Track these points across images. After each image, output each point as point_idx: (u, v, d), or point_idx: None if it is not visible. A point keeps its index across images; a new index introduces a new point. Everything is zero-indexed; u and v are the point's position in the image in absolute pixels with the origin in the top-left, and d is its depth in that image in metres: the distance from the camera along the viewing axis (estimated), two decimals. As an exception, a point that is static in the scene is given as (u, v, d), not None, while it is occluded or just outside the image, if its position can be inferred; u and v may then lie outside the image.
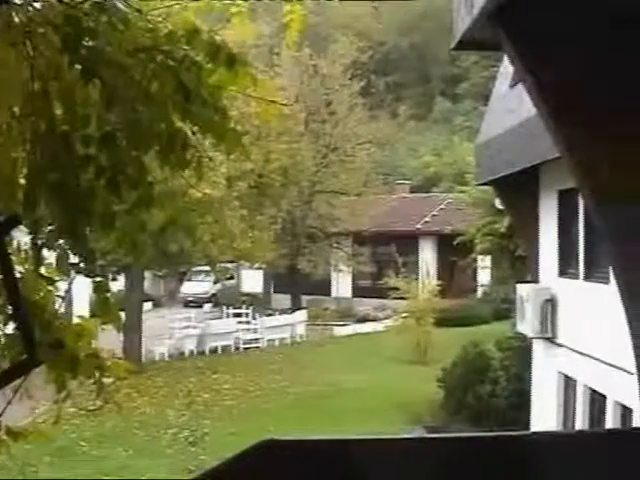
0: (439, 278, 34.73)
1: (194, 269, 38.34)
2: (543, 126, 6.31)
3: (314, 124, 37.78)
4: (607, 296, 6.80)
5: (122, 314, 5.07)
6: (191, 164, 3.78)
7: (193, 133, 3.81)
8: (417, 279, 32.64)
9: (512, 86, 13.47)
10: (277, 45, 32.60)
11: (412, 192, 47.62)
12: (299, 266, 38.13)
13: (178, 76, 3.62)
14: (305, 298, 39.21)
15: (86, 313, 4.66)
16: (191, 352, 30.08)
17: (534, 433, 6.35)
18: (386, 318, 33.74)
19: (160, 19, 3.94)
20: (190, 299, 40.63)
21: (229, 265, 35.63)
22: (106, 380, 4.44)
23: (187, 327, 31.55)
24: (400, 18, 67.88)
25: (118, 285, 26.95)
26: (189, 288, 41.65)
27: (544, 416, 14.46)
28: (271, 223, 32.71)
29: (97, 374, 4.34)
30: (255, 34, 27.07)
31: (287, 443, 1.66)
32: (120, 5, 3.74)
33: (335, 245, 39.91)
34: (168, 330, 31.16)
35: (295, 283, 39.36)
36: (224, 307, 35.61)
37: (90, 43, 3.57)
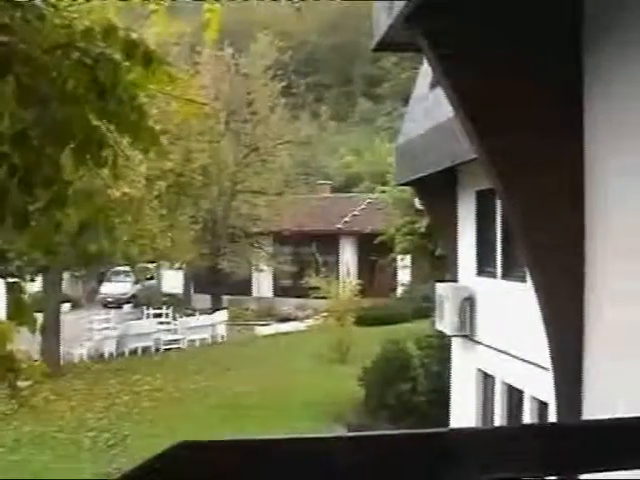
0: (360, 277, 34.91)
1: (114, 269, 37.91)
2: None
3: (235, 123, 37.66)
4: (524, 294, 6.92)
5: (39, 316, 4.99)
6: (107, 163, 3.73)
7: (110, 132, 3.75)
8: (338, 278, 32.75)
9: (432, 88, 13.60)
10: (199, 43, 32.39)
11: (333, 192, 47.82)
12: (220, 266, 37.97)
13: (94, 73, 3.57)
14: (226, 298, 39.07)
15: (3, 315, 4.56)
16: (111, 354, 29.71)
17: (453, 429, 6.40)
18: (307, 317, 33.83)
19: (76, 16, 3.89)
20: (110, 300, 40.11)
21: (149, 265, 35.29)
22: (22, 383, 4.35)
23: (107, 328, 31.13)
24: (322, 18, 68.05)
25: (36, 286, 26.50)
26: (108, 289, 41.14)
27: (463, 413, 14.63)
28: (191, 223, 32.51)
29: (11, 377, 4.26)
30: (176, 32, 26.89)
31: (204, 444, 1.64)
32: (36, 1, 3.67)
33: (256, 245, 39.85)
34: (87, 332, 30.71)
35: (216, 283, 39.17)
36: (144, 308, 35.23)
37: (4, 39, 3.50)
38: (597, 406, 6.14)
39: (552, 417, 9.62)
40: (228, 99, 36.78)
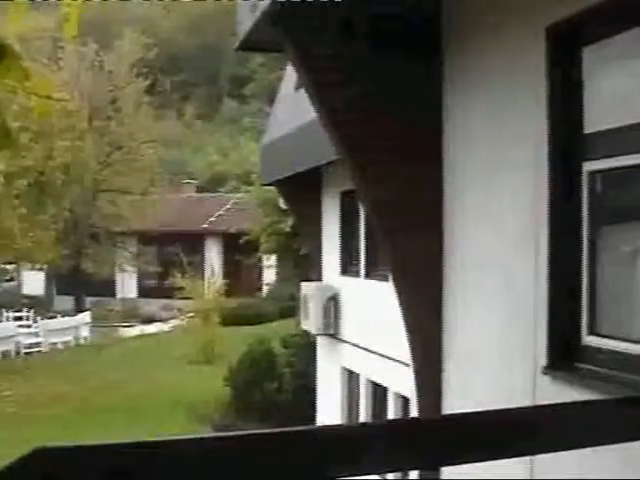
0: (225, 277, 34.80)
1: (-29, 271, 36.69)
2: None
3: (99, 121, 36.95)
4: (386, 293, 7.06)
5: None
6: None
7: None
8: (203, 278, 32.57)
9: (297, 88, 13.68)
10: (62, 39, 31.65)
11: (198, 191, 47.51)
12: (82, 267, 37.21)
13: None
14: (89, 299, 38.33)
15: None
16: (-32, 358, 28.79)
17: (320, 427, 6.47)
18: (172, 318, 33.51)
19: None
20: (-33, 303, 38.81)
21: (8, 266, 34.29)
22: None
23: (-38, 332, 30.12)
24: (189, 16, 67.52)
25: None
26: (-35, 291, 39.80)
27: (329, 410, 14.78)
28: (53, 222, 31.74)
29: None
30: (38, 27, 26.21)
31: (62, 450, 1.60)
32: None
33: (120, 245, 39.23)
34: (-57, 336, 29.65)
35: (78, 284, 38.38)
36: (3, 310, 34.19)
37: None
38: (455, 401, 6.32)
39: (414, 412, 9.84)
40: (91, 96, 36.07)
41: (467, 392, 6.14)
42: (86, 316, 34.10)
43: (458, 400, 6.29)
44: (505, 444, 3.90)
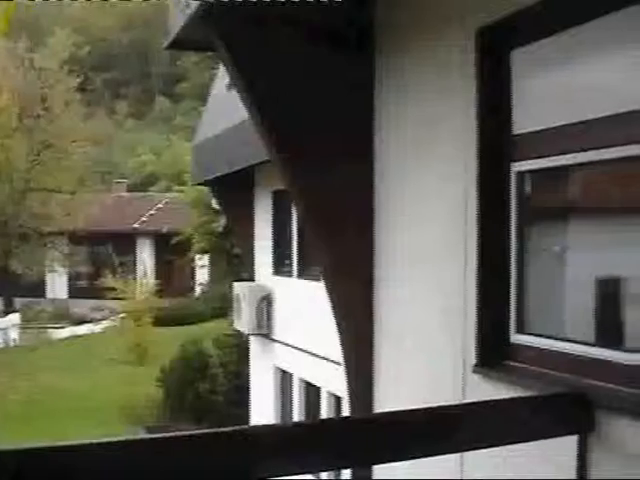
0: (157, 277, 34.59)
1: None
2: (256, 128, 6.45)
3: (28, 119, 36.39)
4: (318, 293, 7.09)
5: None
6: None
7: None
8: (135, 279, 32.29)
9: (229, 88, 13.63)
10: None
11: (130, 191, 47.06)
12: (11, 267, 36.61)
13: None
14: (18, 300, 37.71)
15: None
16: None
17: (254, 427, 6.48)
18: (104, 319, 33.17)
19: None
20: None
21: None
22: None
23: None
24: (121, 14, 66.86)
25: None
26: None
27: (263, 410, 14.77)
28: (-20, 222, 31.18)
29: None
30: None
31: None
32: None
33: (49, 245, 38.67)
34: None
35: (7, 285, 37.73)
36: None
37: None
38: (386, 400, 6.37)
39: (346, 411, 9.88)
40: (21, 94, 35.50)
41: (398, 391, 6.19)
42: (15, 317, 33.56)
43: (389, 399, 6.33)
44: (435, 441, 3.96)
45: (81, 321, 35.98)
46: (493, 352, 5.10)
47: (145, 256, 40.47)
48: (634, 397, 3.98)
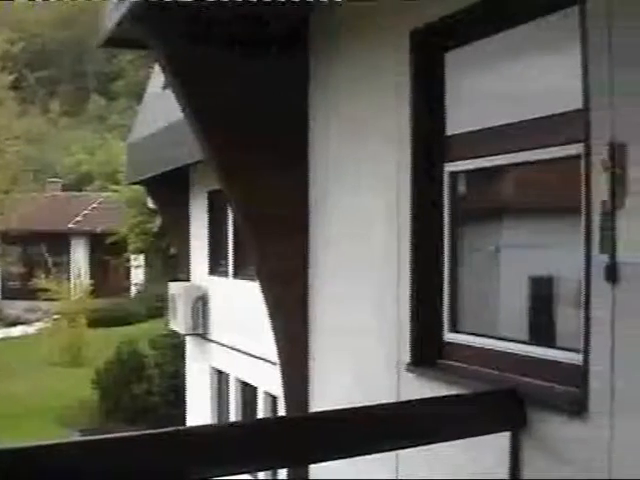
0: (92, 278, 34.22)
1: None
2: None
3: (-41, 117, 35.71)
4: (253, 292, 7.08)
5: None
6: None
7: None
8: (69, 279, 31.91)
9: (165, 87, 13.54)
10: None
11: (64, 190, 46.40)
12: (-59, 268, 35.91)
13: None
14: (-51, 302, 37.05)
15: None
16: None
17: (190, 428, 6.45)
18: (38, 320, 32.67)
19: None
20: None
21: None
22: None
23: None
24: (56, 11, 65.91)
25: None
26: None
27: (199, 411, 14.70)
28: None
29: None
30: None
31: None
32: None
33: (-20, 245, 38.01)
34: None
35: (-62, 286, 37.01)
36: None
37: None
38: (322, 399, 6.39)
39: (282, 410, 9.89)
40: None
41: (333, 390, 6.21)
42: (-54, 319, 32.95)
43: (324, 398, 6.36)
44: (371, 440, 3.99)
45: (14, 322, 35.41)
46: (426, 351, 5.15)
47: (79, 256, 39.99)
48: (565, 394, 4.05)
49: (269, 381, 9.99)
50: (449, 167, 5.11)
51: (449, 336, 5.10)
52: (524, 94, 4.58)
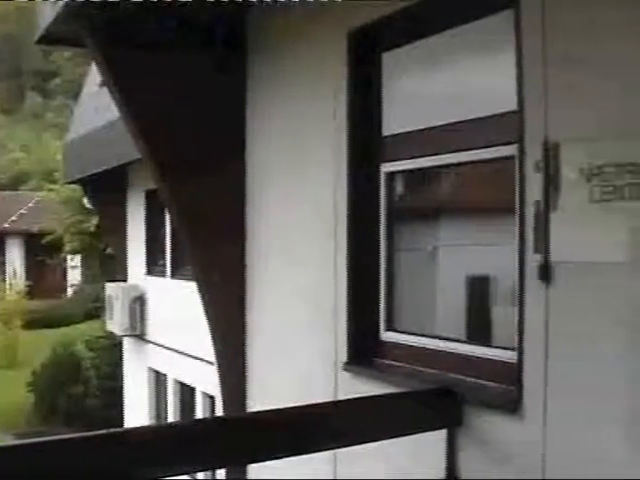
0: (28, 278, 33.74)
1: None
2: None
3: None
4: (191, 293, 7.04)
5: None
6: None
7: None
8: (4, 280, 31.43)
9: (102, 85, 13.40)
10: None
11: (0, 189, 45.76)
12: None
13: None
14: None
15: None
16: None
17: (128, 429, 6.40)
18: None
19: None
20: None
21: None
22: None
23: None
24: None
25: None
26: None
27: (137, 412, 14.58)
28: None
29: None
30: None
31: None
32: None
33: None
34: None
35: None
36: None
37: None
38: (259, 399, 6.38)
39: (219, 410, 9.86)
40: None
41: (271, 390, 6.21)
42: None
43: (262, 398, 6.35)
44: (309, 439, 3.99)
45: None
46: (363, 350, 5.17)
47: (15, 257, 39.38)
48: (500, 392, 4.09)
49: (207, 381, 9.94)
50: (385, 167, 5.13)
51: (386, 335, 5.13)
52: (461, 95, 4.62)
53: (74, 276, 35.14)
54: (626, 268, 3.42)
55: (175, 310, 12.37)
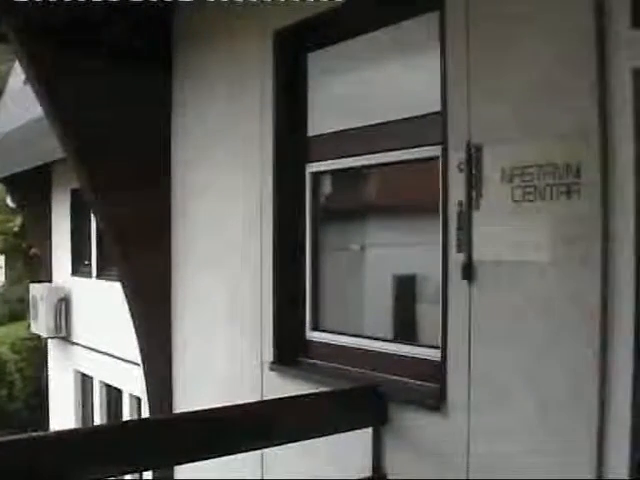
0: (-51, 280, 32.96)
1: None
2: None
3: None
4: (117, 293, 6.96)
5: None
6: None
7: None
8: None
9: (26, 82, 13.19)
10: None
11: None
12: None
13: None
14: None
15: None
16: None
17: (54, 432, 6.32)
18: None
19: None
20: None
21: None
22: None
23: None
24: None
25: None
26: None
27: (63, 415, 14.39)
28: None
29: None
30: None
31: None
32: None
33: None
34: None
35: None
36: None
37: None
38: (186, 401, 6.35)
39: (145, 412, 9.79)
40: None
41: (198, 391, 6.18)
42: None
43: (189, 399, 6.32)
44: (234, 440, 3.98)
45: None
46: (289, 350, 5.18)
47: None
48: (425, 390, 4.14)
49: (133, 383, 9.86)
50: (311, 168, 5.15)
51: (312, 334, 5.14)
52: (387, 96, 4.65)
53: (-3, 277, 34.53)
54: (546, 267, 3.49)
55: (101, 311, 12.23)
